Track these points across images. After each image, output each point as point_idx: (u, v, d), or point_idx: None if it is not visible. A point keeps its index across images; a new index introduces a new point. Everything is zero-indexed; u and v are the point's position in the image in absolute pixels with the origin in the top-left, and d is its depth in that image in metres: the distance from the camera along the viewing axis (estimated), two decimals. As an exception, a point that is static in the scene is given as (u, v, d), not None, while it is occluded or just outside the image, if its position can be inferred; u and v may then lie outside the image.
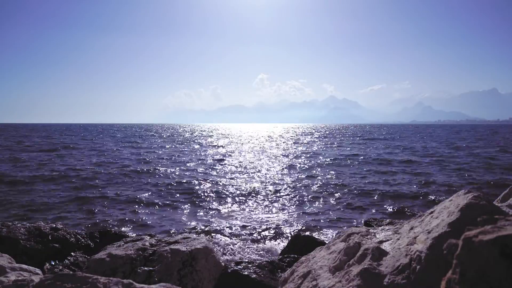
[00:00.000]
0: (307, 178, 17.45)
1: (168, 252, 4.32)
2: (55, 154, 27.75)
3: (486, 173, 18.53)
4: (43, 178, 16.23)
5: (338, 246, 2.88)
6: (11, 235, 5.31)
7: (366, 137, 60.11)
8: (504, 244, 1.06)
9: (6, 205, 11.34)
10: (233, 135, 74.30)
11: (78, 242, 5.88)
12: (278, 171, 19.80)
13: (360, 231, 2.92)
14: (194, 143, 46.20)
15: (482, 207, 2.11)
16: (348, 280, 2.34)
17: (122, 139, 52.20)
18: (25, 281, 2.42)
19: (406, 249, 2.29)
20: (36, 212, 10.70)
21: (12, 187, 14.19)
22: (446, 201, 2.47)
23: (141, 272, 4.08)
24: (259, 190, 14.36)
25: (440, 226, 2.18)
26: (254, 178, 17.52)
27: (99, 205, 11.77)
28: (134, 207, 11.60)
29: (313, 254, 3.14)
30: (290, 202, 12.43)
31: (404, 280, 2.10)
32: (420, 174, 18.36)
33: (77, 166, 20.77)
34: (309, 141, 49.86)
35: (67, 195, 13.05)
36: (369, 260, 2.37)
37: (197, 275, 4.29)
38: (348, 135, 72.22)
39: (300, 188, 14.81)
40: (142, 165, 22.13)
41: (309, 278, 2.73)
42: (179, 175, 18.18)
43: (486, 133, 77.43)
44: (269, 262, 4.80)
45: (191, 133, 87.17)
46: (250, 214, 10.86)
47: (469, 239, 1.13)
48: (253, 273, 4.42)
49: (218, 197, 13.19)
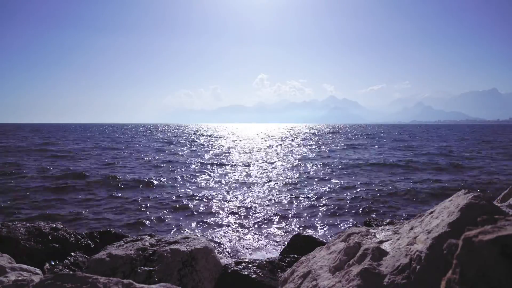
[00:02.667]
0: (307, 178, 17.45)
1: (168, 252, 4.32)
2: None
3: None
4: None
5: (338, 246, 2.88)
6: (11, 235, 5.30)
7: (370, 136, 60.14)
8: (504, 244, 1.06)
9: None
10: (233, 136, 74.29)
11: (78, 242, 5.88)
12: (278, 172, 19.80)
13: (360, 231, 2.92)
14: (193, 143, 46.20)
15: (482, 207, 2.11)
16: (348, 280, 2.34)
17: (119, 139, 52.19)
18: (25, 281, 2.42)
19: (406, 249, 2.29)
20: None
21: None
22: (446, 201, 2.47)
23: (141, 272, 4.08)
24: (259, 190, 14.36)
25: (440, 226, 2.18)
26: (254, 178, 17.52)
27: (99, 205, 11.77)
28: (134, 207, 11.60)
29: (313, 254, 3.14)
30: (290, 202, 12.43)
31: (404, 280, 2.10)
32: (422, 175, 18.36)
33: (80, 168, 20.78)
34: (310, 141, 49.85)
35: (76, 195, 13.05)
36: (369, 260, 2.37)
37: (197, 275, 4.29)
38: (354, 133, 72.27)
39: (300, 188, 14.81)
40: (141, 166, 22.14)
41: (309, 278, 2.72)
42: (179, 175, 18.19)
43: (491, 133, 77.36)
44: (269, 262, 4.80)
45: (193, 132, 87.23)
46: (250, 214, 10.85)
47: (469, 239, 1.13)
48: (253, 273, 4.42)
49: (218, 197, 13.19)
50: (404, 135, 68.81)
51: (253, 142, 49.88)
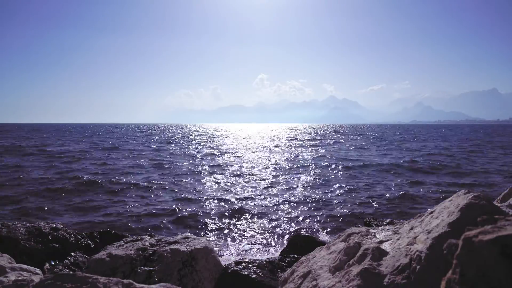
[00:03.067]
0: (307, 178, 17.45)
1: (168, 252, 4.32)
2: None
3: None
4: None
5: (338, 246, 2.88)
6: (11, 235, 5.30)
7: (371, 136, 60.15)
8: (504, 244, 1.06)
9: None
10: (234, 135, 74.31)
11: (78, 242, 5.87)
12: (278, 172, 19.79)
13: (360, 231, 2.92)
14: (193, 143, 46.21)
15: (482, 207, 2.11)
16: (348, 280, 2.34)
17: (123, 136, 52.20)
18: (25, 281, 2.42)
19: (406, 249, 2.29)
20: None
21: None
22: (446, 201, 2.47)
23: (141, 272, 4.08)
24: (259, 191, 14.36)
25: (440, 226, 2.18)
26: (255, 178, 17.52)
27: (99, 205, 11.77)
28: (134, 207, 11.60)
29: (313, 254, 3.14)
30: (290, 202, 12.43)
31: (404, 280, 2.10)
32: (423, 175, 18.37)
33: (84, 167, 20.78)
34: (311, 142, 49.85)
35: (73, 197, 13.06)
36: (369, 260, 2.37)
37: (197, 275, 4.29)
38: (356, 133, 72.29)
39: (300, 188, 14.81)
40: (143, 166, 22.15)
41: (309, 278, 2.72)
42: (179, 175, 18.19)
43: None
44: (269, 262, 4.80)
45: (193, 132, 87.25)
46: (250, 214, 10.85)
47: (469, 239, 1.13)
48: (253, 273, 4.42)
49: (217, 197, 13.19)
50: (406, 135, 68.86)
51: (254, 142, 49.89)
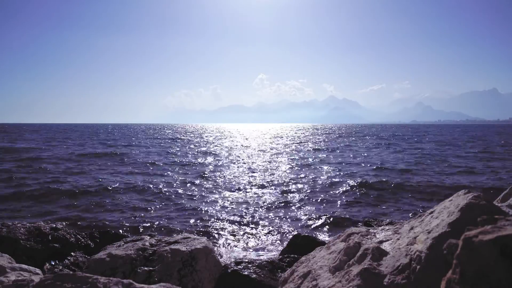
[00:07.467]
0: (307, 178, 17.45)
1: (168, 252, 4.32)
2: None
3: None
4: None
5: (338, 246, 2.88)
6: (11, 235, 5.31)
7: (372, 136, 60.19)
8: (504, 244, 1.06)
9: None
10: (235, 135, 74.32)
11: (78, 242, 5.88)
12: (278, 172, 19.80)
13: (360, 231, 2.92)
14: (192, 143, 46.23)
15: (482, 207, 2.11)
16: (348, 280, 2.34)
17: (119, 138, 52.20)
18: (25, 281, 2.42)
19: (406, 249, 2.29)
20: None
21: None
22: (446, 201, 2.47)
23: (141, 272, 4.08)
24: (258, 191, 14.36)
25: (440, 226, 2.18)
26: (256, 178, 17.52)
27: (100, 204, 11.77)
28: (134, 207, 11.60)
29: (313, 254, 3.14)
30: (290, 202, 12.42)
31: (404, 280, 2.10)
32: (424, 176, 18.36)
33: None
34: (313, 142, 49.87)
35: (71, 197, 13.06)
36: (369, 260, 2.37)
37: (197, 275, 4.29)
38: (357, 134, 72.33)
39: (300, 188, 14.81)
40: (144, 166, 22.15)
41: (309, 278, 2.73)
42: (179, 176, 18.19)
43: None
44: (269, 262, 4.80)
45: (192, 132, 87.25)
46: (250, 214, 10.85)
47: (469, 239, 1.13)
48: (253, 273, 4.42)
49: (217, 197, 13.20)
50: (407, 135, 68.89)
51: (255, 142, 49.89)
